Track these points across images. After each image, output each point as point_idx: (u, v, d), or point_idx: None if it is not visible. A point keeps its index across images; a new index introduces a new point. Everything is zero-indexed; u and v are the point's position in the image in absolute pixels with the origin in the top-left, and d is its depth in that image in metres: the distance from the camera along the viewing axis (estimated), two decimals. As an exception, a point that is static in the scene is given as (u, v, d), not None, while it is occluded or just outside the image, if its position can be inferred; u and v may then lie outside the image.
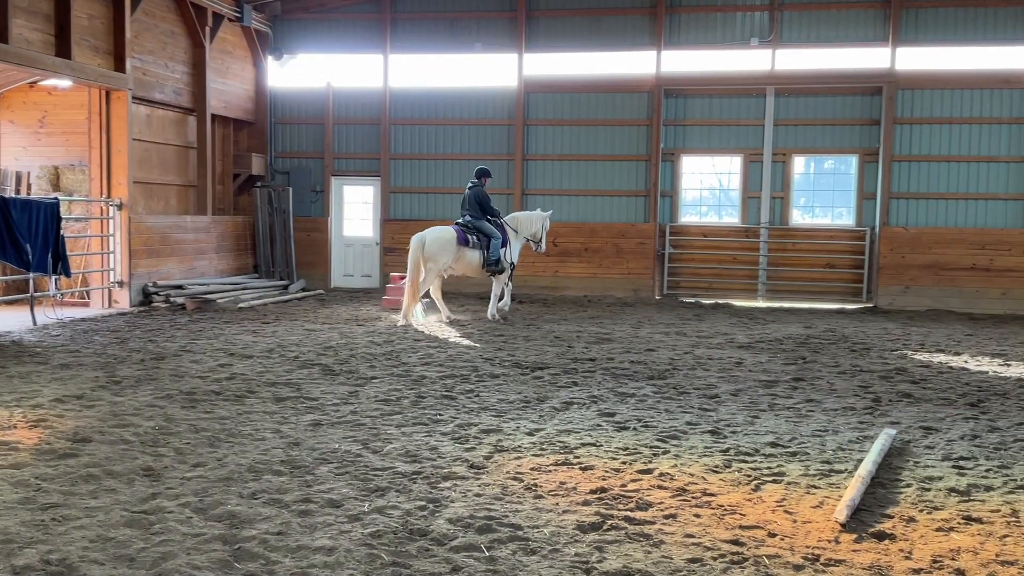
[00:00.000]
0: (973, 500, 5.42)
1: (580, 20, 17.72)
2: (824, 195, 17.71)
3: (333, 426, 6.97)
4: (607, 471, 5.88)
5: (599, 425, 7.18)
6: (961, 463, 6.25)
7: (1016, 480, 5.84)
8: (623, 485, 5.57)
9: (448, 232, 13.52)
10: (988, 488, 5.67)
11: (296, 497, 5.18)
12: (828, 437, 6.94)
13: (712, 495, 5.42)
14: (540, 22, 17.86)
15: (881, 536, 4.74)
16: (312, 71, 18.89)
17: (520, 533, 4.68)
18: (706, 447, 6.56)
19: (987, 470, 6.08)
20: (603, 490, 5.45)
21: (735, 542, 4.62)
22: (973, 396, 8.65)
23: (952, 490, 5.61)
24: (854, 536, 4.72)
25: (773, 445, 6.65)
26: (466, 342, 11.59)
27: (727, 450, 6.49)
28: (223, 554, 4.30)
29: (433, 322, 13.58)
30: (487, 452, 6.29)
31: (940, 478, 5.86)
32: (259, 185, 18.41)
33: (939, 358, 11.03)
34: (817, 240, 17.27)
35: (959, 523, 4.98)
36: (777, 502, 5.31)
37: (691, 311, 15.84)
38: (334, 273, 18.94)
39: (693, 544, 4.58)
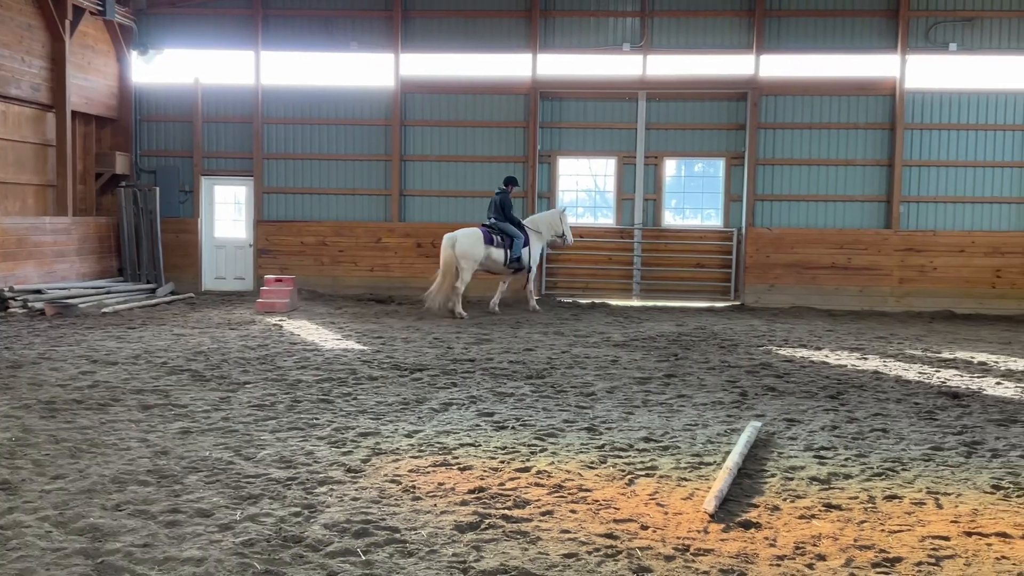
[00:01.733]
0: (833, 488, 5.68)
1: (456, 21, 17.75)
2: (694, 197, 18.27)
3: (203, 433, 6.76)
4: (485, 471, 5.91)
5: (478, 425, 7.20)
6: (822, 453, 6.55)
7: (873, 468, 6.15)
8: (501, 484, 5.61)
9: (476, 233, 14.96)
10: (847, 476, 5.95)
11: (163, 508, 4.99)
12: (698, 431, 7.16)
13: (588, 491, 5.51)
14: (416, 22, 17.79)
15: (747, 525, 4.92)
16: (180, 67, 18.26)
17: (397, 536, 4.65)
18: (582, 444, 6.67)
19: (846, 459, 6.39)
20: (481, 489, 5.46)
21: (609, 536, 4.72)
22: (833, 389, 9.07)
23: (814, 479, 5.87)
24: (722, 526, 4.89)
25: (646, 440, 6.81)
26: (344, 344, 11.44)
27: (602, 446, 6.61)
28: (85, 568, 4.11)
29: (309, 325, 13.35)
30: (364, 455, 6.22)
31: (802, 468, 6.12)
32: (124, 185, 17.67)
33: (801, 353, 11.52)
34: (688, 241, 17.80)
35: (820, 510, 5.22)
36: (650, 495, 5.44)
37: (569, 311, 16.08)
38: (205, 276, 18.37)
39: (569, 539, 4.65)
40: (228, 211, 18.59)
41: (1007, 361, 11.06)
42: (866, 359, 11.09)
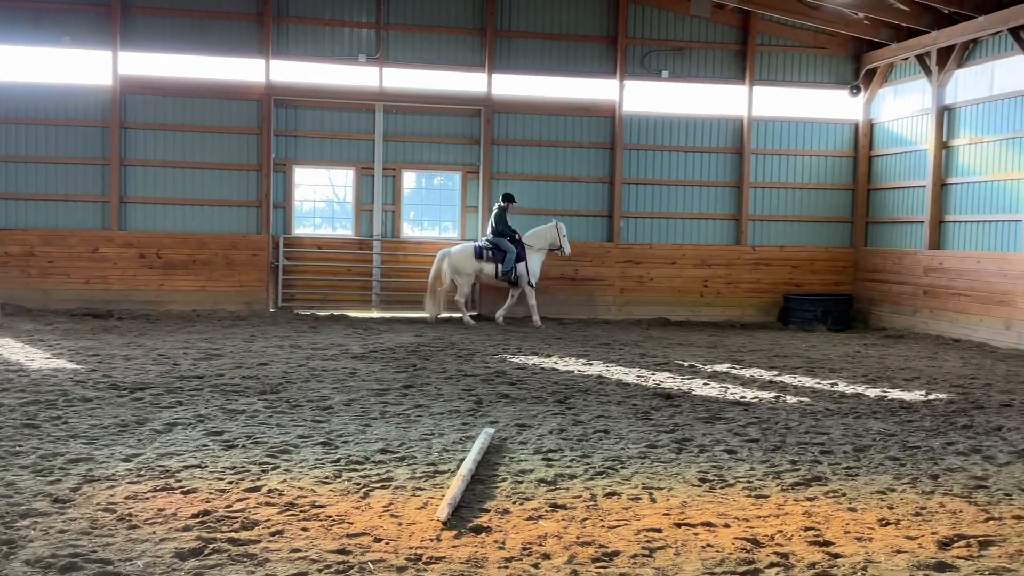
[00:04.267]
0: (559, 488, 5.94)
1: (184, 21, 16.90)
2: (433, 209, 18.53)
3: None
4: (212, 493, 5.63)
5: (205, 445, 6.86)
6: (550, 455, 6.83)
7: (595, 467, 6.50)
8: (228, 506, 5.36)
9: (468, 248, 16.29)
10: (572, 476, 6.24)
11: None
12: (435, 440, 7.24)
13: (321, 507, 5.40)
14: (138, 20, 16.75)
15: (478, 530, 5.03)
16: None
17: (110, 568, 4.32)
18: (317, 459, 6.54)
19: (571, 460, 6.70)
20: (206, 513, 5.20)
21: (342, 551, 4.65)
22: (561, 394, 9.50)
23: (542, 480, 6.10)
24: (454, 532, 4.96)
25: (383, 452, 6.79)
26: (55, 364, 10.50)
27: (338, 460, 6.51)
28: None
29: (13, 343, 12.14)
30: (75, 483, 5.73)
31: (532, 470, 6.35)
32: None
33: (534, 360, 11.99)
34: (427, 252, 17.97)
35: (547, 511, 5.43)
36: (384, 507, 5.42)
37: (306, 323, 15.75)
38: None
39: (299, 559, 4.53)
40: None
41: (713, 364, 12.09)
42: (591, 364, 11.71)
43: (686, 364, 11.98)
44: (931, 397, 9.74)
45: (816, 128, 18.68)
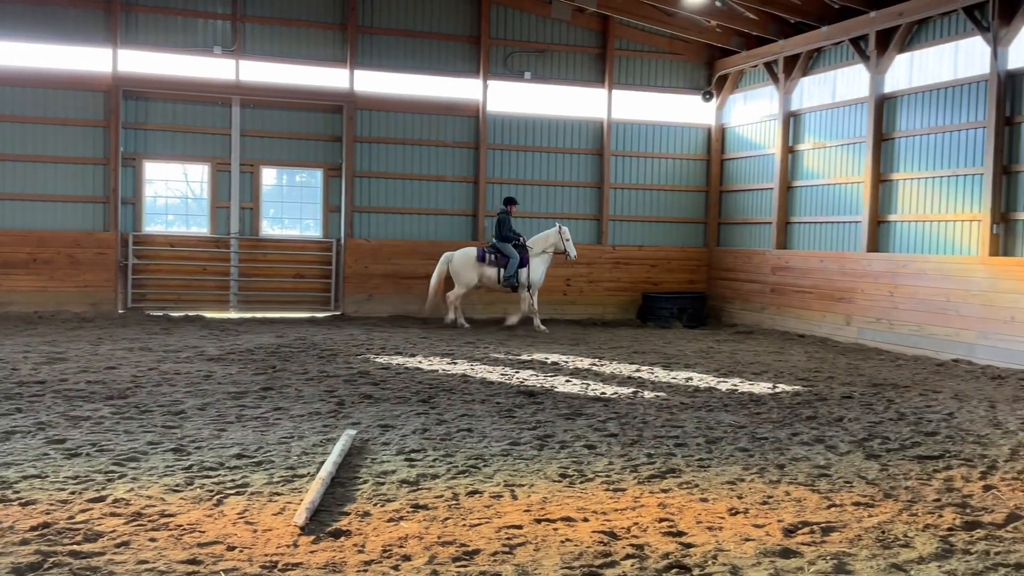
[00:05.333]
0: (421, 489, 5.90)
1: (24, 7, 15.93)
2: (293, 207, 18.13)
3: None
4: (53, 504, 5.32)
5: (46, 454, 6.48)
6: (412, 455, 6.78)
7: (458, 466, 6.49)
8: (71, 517, 5.08)
9: (471, 252, 16.26)
10: (435, 476, 6.22)
11: None
12: (294, 443, 7.07)
13: (171, 516, 5.19)
14: (-27, 3, 15.71)
15: (337, 534, 4.94)
16: None
17: (-65, 590, 4.02)
18: (167, 466, 6.28)
19: (434, 460, 6.68)
20: (46, 525, 4.91)
21: (192, 561, 4.47)
22: (425, 393, 9.46)
23: (404, 481, 6.05)
24: (312, 538, 4.86)
25: (239, 457, 6.59)
26: None
27: (190, 467, 6.28)
28: None
29: None
30: None
31: (394, 471, 6.29)
32: None
33: (398, 360, 11.89)
34: (287, 251, 17.61)
35: (408, 512, 5.39)
36: (239, 514, 5.25)
37: (159, 324, 15.13)
38: None
39: (147, 571, 4.33)
40: None
41: (575, 360, 12.30)
42: (456, 364, 11.71)
43: (549, 362, 12.13)
44: (778, 390, 10.20)
45: (672, 131, 19.28)
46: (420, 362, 11.76)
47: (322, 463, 6.34)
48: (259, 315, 16.94)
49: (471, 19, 18.09)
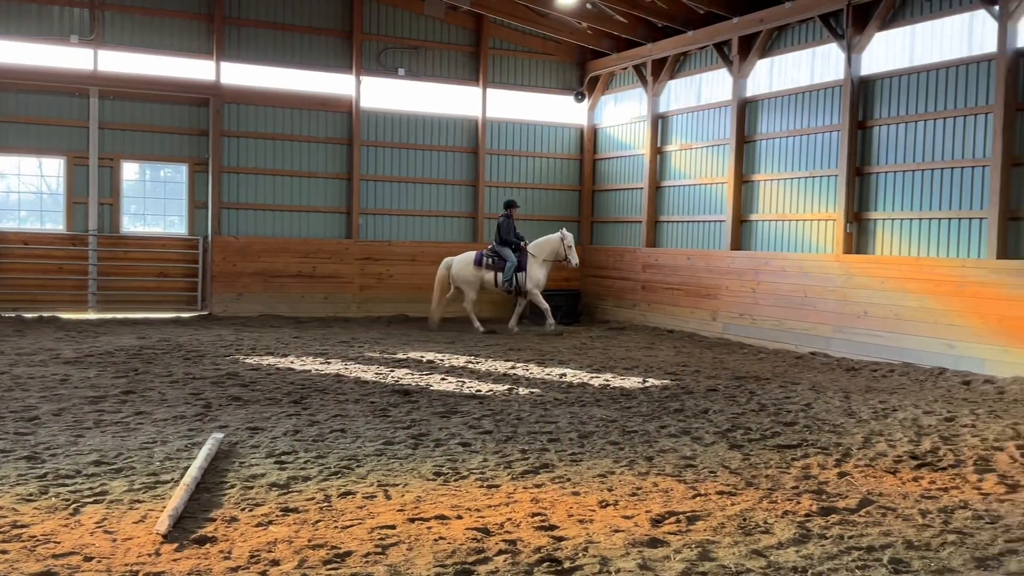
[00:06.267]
0: (292, 492, 5.78)
1: None
2: (157, 203, 17.46)
3: None
4: None
5: None
6: (283, 458, 6.63)
7: (330, 468, 6.39)
8: (-92, 534, 4.75)
9: (469, 256, 16.12)
10: (306, 478, 6.10)
11: None
12: (157, 448, 6.82)
13: (24, 527, 4.92)
14: None
15: (202, 541, 4.78)
16: None
17: None
18: (20, 475, 5.95)
19: (306, 461, 6.55)
20: None
21: (47, 573, 4.26)
22: (297, 394, 9.27)
23: (273, 485, 5.91)
24: (175, 545, 4.69)
25: (97, 464, 6.30)
26: None
27: (44, 475, 5.97)
28: None
29: None
30: None
31: (263, 475, 6.14)
32: None
33: (268, 360, 11.62)
34: (150, 249, 16.95)
35: (277, 515, 5.26)
36: (97, 523, 5.02)
37: (11, 326, 14.33)
38: None
39: (-5, 587, 4.09)
40: None
41: (451, 358, 12.30)
42: (329, 363, 11.53)
43: (425, 360, 12.09)
44: (648, 384, 10.47)
45: (546, 131, 19.51)
46: (292, 362, 11.52)
47: (187, 468, 6.14)
48: (120, 316, 16.25)
49: (343, 14, 17.83)
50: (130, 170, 17.06)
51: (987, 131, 11.70)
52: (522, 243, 16.11)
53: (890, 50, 13.23)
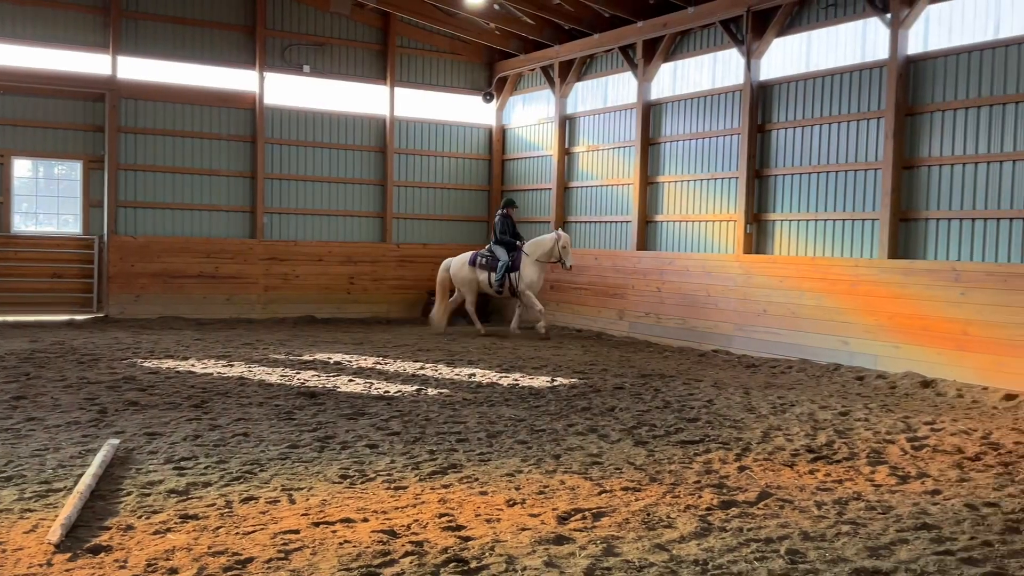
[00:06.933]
0: (191, 498, 5.62)
1: None
2: (50, 201, 16.80)
3: None
4: None
5: None
6: (182, 464, 6.45)
7: (232, 473, 6.24)
8: None
9: (464, 256, 15.81)
10: (206, 484, 5.95)
11: None
12: (49, 456, 6.56)
13: (-99, 543, 4.66)
14: None
15: (97, 550, 4.61)
16: None
17: None
18: (-103, 488, 5.64)
19: (206, 467, 6.38)
20: None
21: (-74, 592, 4.05)
22: (198, 398, 9.04)
23: (172, 491, 5.75)
24: (68, 555, 4.51)
25: (-17, 473, 6.03)
26: None
27: (-75, 487, 5.67)
28: None
29: None
30: None
31: (161, 481, 5.96)
32: None
33: (168, 363, 11.30)
34: (43, 249, 16.29)
35: (176, 523, 5.12)
36: (-18, 536, 4.80)
37: None
38: None
39: None
40: None
41: (359, 360, 12.17)
42: (232, 366, 11.28)
43: (332, 362, 11.93)
44: (556, 383, 10.55)
45: (455, 131, 19.48)
46: (193, 365, 11.23)
47: (80, 476, 5.92)
48: (10, 318, 15.58)
49: (246, 8, 17.46)
50: (22, 167, 16.36)
51: (879, 135, 12.17)
52: (518, 243, 15.61)
53: (788, 56, 13.64)
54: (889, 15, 11.83)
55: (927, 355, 11.12)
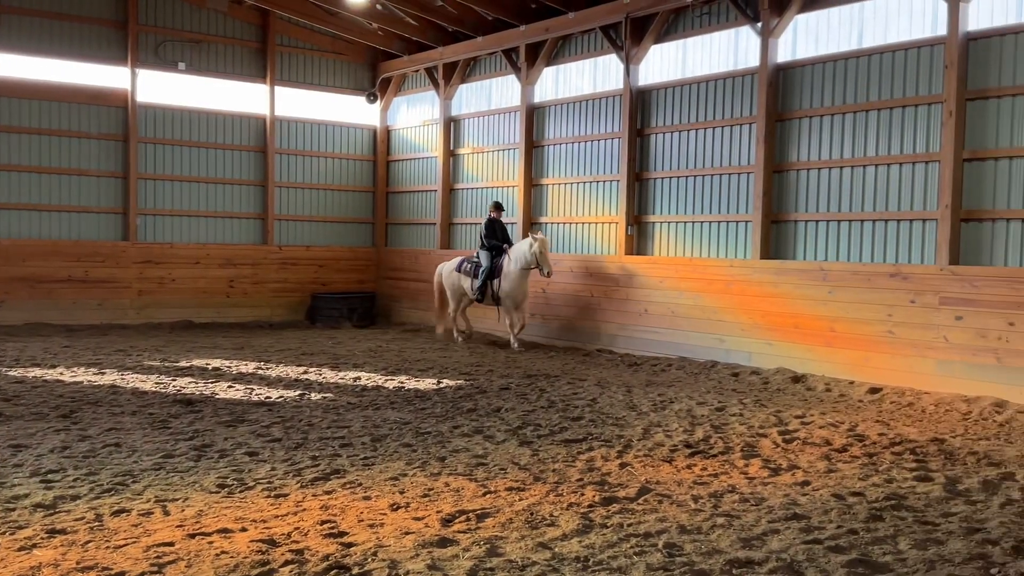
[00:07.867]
0: (59, 512, 5.39)
1: None
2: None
3: None
4: None
5: None
6: (50, 477, 6.18)
7: (103, 485, 6.01)
8: None
9: (453, 262, 15.14)
10: (75, 497, 5.71)
11: None
12: (-100, 474, 6.16)
13: None
14: None
15: (-47, 572, 4.38)
16: None
17: None
18: None
19: (75, 479, 6.13)
20: None
21: None
22: (66, 407, 8.67)
23: (38, 505, 5.50)
24: (-80, 580, 4.26)
25: None
26: None
27: None
28: None
29: None
30: None
31: (27, 495, 5.70)
32: None
33: (34, 372, 10.78)
34: None
35: (43, 538, 4.90)
36: None
37: None
38: None
39: None
40: None
41: (239, 365, 11.88)
42: (104, 374, 10.85)
43: (210, 368, 11.61)
44: (442, 385, 10.53)
45: (338, 131, 19.22)
46: (61, 374, 10.75)
47: (-64, 494, 5.59)
48: None
49: (117, 3, 16.80)
50: None
51: (751, 140, 12.62)
52: (504, 247, 14.49)
53: (665, 62, 13.99)
54: (760, 24, 12.27)
55: (798, 351, 11.59)
